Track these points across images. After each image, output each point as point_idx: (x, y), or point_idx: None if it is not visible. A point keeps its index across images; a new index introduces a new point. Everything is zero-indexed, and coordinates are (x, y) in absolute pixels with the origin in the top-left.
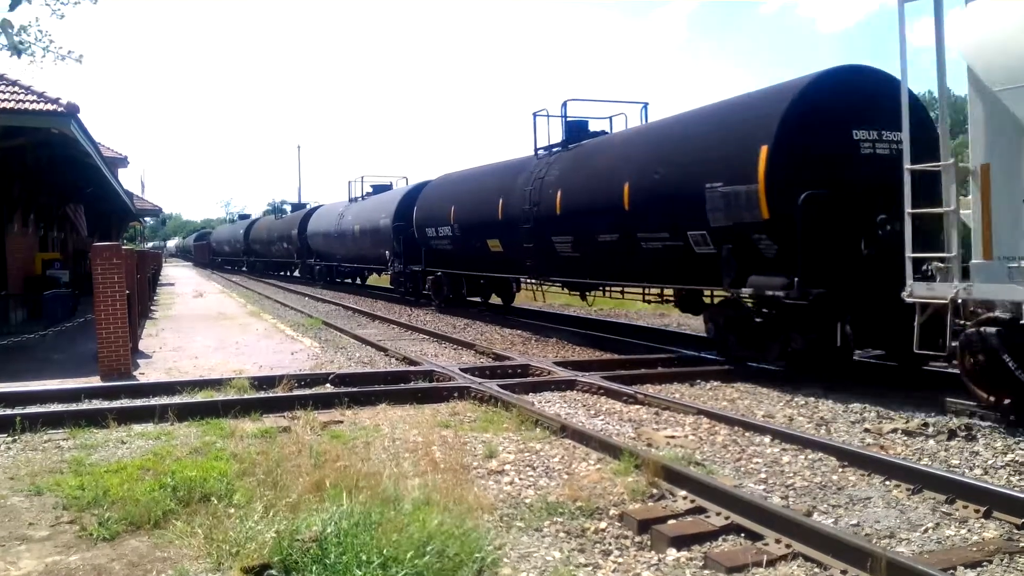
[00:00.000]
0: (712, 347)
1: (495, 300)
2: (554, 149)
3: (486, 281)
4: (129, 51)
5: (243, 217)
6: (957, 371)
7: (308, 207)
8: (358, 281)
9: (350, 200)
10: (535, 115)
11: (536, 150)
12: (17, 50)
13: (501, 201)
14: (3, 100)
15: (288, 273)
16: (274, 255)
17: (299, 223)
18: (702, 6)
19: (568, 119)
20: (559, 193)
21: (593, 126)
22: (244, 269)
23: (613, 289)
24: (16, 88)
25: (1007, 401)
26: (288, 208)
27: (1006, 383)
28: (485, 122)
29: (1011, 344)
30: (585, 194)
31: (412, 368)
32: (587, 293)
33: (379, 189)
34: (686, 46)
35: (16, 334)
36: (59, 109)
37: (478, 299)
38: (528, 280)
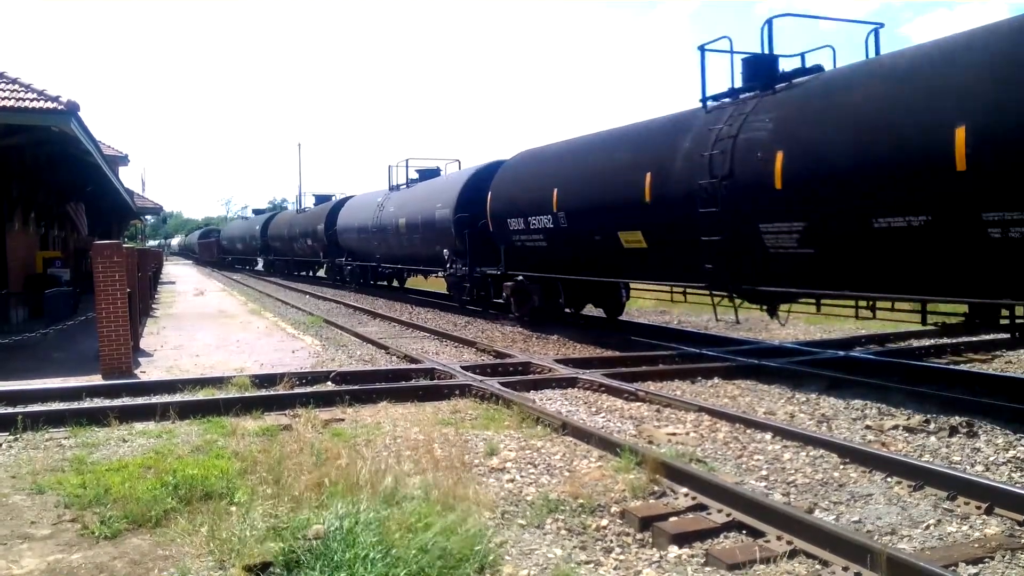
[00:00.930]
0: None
1: (589, 311)
2: (746, 95)
3: (585, 287)
4: (129, 49)
5: (259, 212)
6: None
7: (335, 198)
8: (395, 284)
9: (391, 188)
10: (703, 49)
11: (704, 100)
12: None
13: (649, 176)
14: (3, 98)
15: (311, 273)
16: (296, 253)
17: (326, 217)
18: (704, 6)
19: (755, 56)
20: (778, 156)
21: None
22: (260, 269)
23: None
24: (16, 86)
25: None
26: (307, 201)
27: None
28: (489, 118)
29: None
30: (839, 152)
31: (413, 366)
32: (778, 306)
33: (427, 175)
34: (690, 46)
35: (17, 333)
36: (59, 107)
37: (569, 310)
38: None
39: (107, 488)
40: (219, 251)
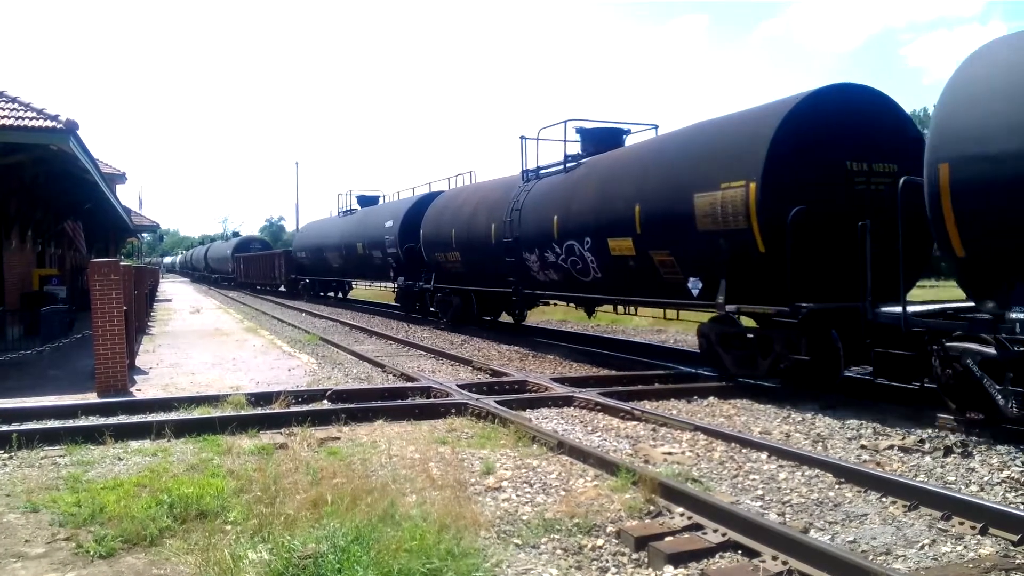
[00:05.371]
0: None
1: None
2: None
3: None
4: (127, 68)
5: (369, 201)
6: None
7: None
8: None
9: None
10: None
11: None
12: None
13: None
14: (2, 117)
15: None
16: (561, 282)
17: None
18: (712, 24)
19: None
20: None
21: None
22: (394, 304)
23: None
24: (16, 105)
25: None
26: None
27: None
28: (498, 130)
29: None
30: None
31: (409, 384)
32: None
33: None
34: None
35: (13, 350)
36: (58, 126)
37: None
38: None
39: (102, 506)
40: (288, 270)
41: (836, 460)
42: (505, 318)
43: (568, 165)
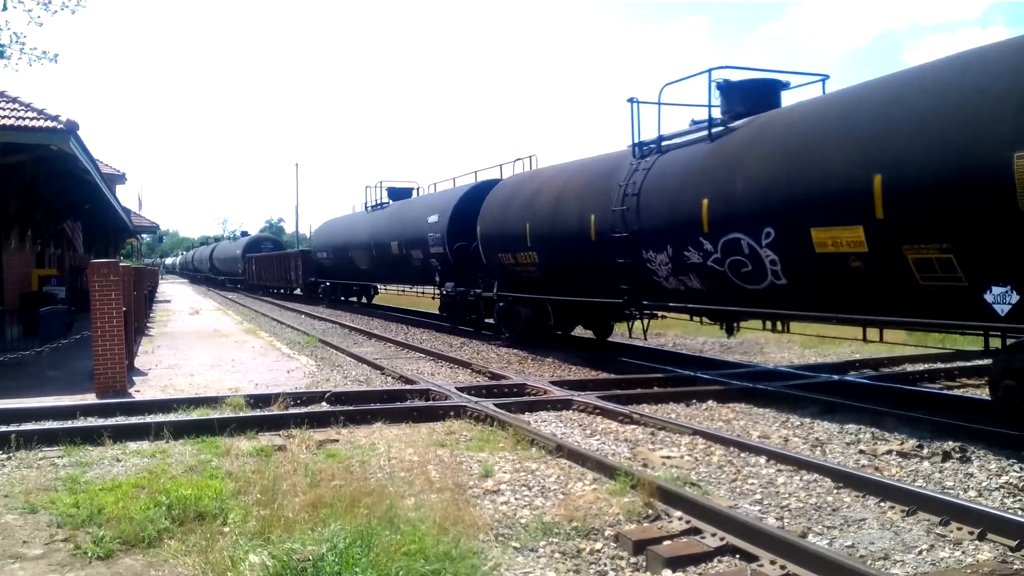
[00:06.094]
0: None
1: None
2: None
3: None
4: (127, 68)
5: (402, 194)
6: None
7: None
8: None
9: None
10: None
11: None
12: None
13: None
14: (3, 117)
15: None
16: (705, 292)
17: None
18: (713, 24)
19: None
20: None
21: None
22: (437, 313)
23: None
24: (16, 105)
25: None
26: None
27: None
28: (497, 130)
29: None
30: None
31: (408, 387)
32: None
33: None
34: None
35: (12, 351)
36: (59, 126)
37: None
38: None
39: (100, 508)
40: (306, 271)
41: (834, 465)
42: (579, 332)
43: (714, 131)
